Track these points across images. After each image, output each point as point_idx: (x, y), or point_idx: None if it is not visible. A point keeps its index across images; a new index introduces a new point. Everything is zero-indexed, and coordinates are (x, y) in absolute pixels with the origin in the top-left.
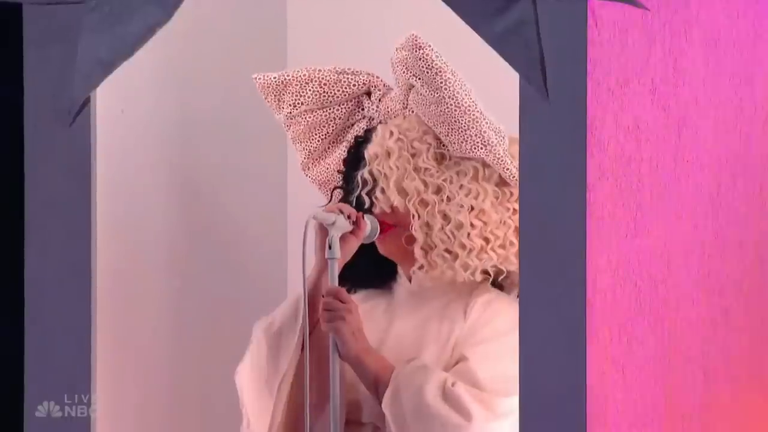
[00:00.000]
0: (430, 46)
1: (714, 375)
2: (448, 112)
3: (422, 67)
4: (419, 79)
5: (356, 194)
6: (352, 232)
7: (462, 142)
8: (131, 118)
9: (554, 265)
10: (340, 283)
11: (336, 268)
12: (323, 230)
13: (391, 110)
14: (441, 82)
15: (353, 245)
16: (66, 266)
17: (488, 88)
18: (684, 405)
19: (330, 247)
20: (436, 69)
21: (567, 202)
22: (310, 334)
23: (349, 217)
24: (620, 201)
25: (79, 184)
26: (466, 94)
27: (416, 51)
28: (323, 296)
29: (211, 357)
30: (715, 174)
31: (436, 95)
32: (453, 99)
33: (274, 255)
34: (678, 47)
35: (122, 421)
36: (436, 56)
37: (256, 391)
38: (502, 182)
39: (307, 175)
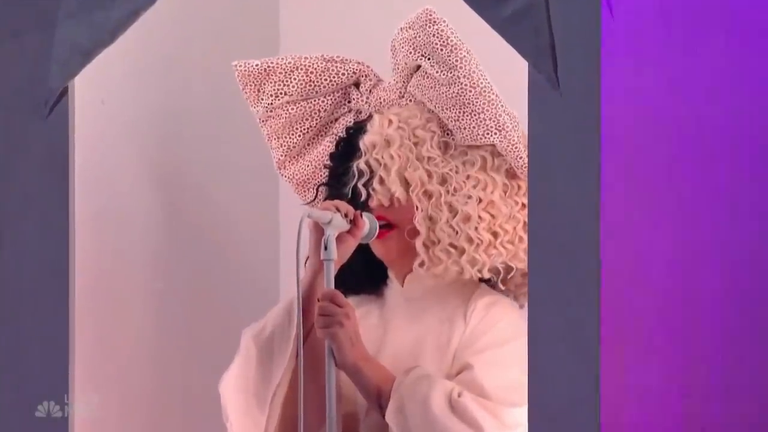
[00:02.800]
0: (444, 21)
1: (738, 389)
2: (462, 93)
3: (436, 44)
4: (430, 58)
5: (351, 186)
6: (349, 232)
7: (474, 127)
8: (112, 109)
9: (565, 268)
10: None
11: (332, 270)
12: (318, 229)
13: (384, 101)
14: (456, 60)
15: (350, 245)
16: (43, 267)
17: (493, 78)
18: (704, 420)
19: (326, 248)
20: (452, 46)
21: (578, 199)
22: (304, 341)
23: (346, 215)
24: (636, 199)
25: (56, 180)
26: (482, 75)
27: (430, 26)
28: (318, 300)
29: (197, 366)
30: (739, 170)
31: (450, 75)
32: (468, 79)
33: (265, 256)
34: (698, 33)
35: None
36: (452, 32)
37: (243, 403)
38: (510, 174)
39: (282, 174)
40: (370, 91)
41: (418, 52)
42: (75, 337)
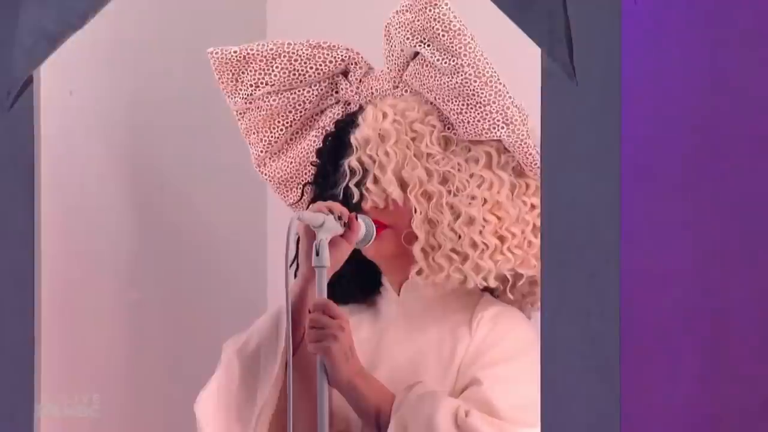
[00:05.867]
0: (447, 4)
1: None
2: (466, 83)
3: (437, 29)
4: (430, 44)
5: (342, 186)
6: (343, 236)
7: (479, 121)
8: (82, 100)
9: (581, 275)
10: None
11: (324, 278)
12: (309, 233)
13: (376, 91)
14: (460, 47)
15: (345, 251)
16: (5, 275)
17: (500, 66)
18: None
19: (317, 253)
20: (455, 31)
21: (596, 200)
22: (293, 355)
23: (339, 217)
24: (660, 199)
25: (20, 178)
26: (487, 63)
27: (430, 9)
28: (310, 311)
29: (175, 382)
30: None
31: (453, 63)
32: (473, 67)
33: (251, 262)
34: (728, 17)
35: None
36: (455, 16)
37: (224, 424)
38: (517, 172)
39: (261, 172)
40: (361, 80)
41: (417, 38)
42: (41, 351)
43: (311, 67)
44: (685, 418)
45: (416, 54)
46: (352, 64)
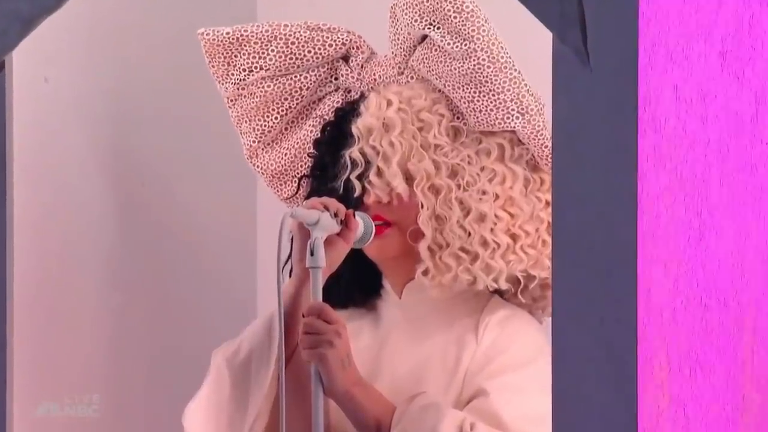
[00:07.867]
0: None
1: None
2: (479, 69)
3: (448, 10)
4: (440, 26)
5: (343, 179)
6: (339, 234)
7: (492, 110)
8: (58, 88)
9: (596, 276)
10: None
11: (320, 280)
12: (304, 231)
13: (379, 77)
14: (472, 30)
15: (341, 251)
16: None
17: (517, 51)
18: None
19: (312, 253)
20: (468, 12)
21: (613, 195)
22: (286, 363)
23: (335, 214)
24: (681, 194)
25: None
26: (502, 47)
27: None
28: (304, 315)
29: (160, 393)
30: None
31: (464, 47)
32: (487, 52)
33: (241, 262)
34: None
35: None
36: None
37: None
38: (531, 166)
39: (253, 164)
40: (362, 65)
41: (426, 20)
42: (13, 358)
43: (309, 51)
44: (705, 430)
45: (424, 37)
46: (353, 48)
